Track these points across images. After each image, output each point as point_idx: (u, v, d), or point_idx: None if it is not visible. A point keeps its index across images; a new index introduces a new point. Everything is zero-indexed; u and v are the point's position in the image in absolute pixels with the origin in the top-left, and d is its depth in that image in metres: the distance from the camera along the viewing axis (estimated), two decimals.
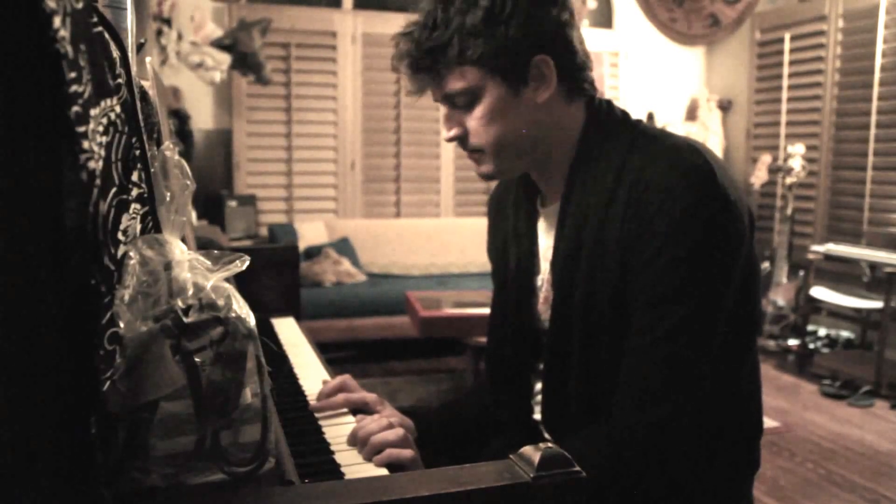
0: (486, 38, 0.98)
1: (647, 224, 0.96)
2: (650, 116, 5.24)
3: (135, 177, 0.66)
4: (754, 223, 1.04)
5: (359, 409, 1.10)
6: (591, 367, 1.02)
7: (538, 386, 1.15)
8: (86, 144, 0.54)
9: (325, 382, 1.17)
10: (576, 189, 1.05)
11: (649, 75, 5.44)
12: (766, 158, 4.79)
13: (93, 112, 0.56)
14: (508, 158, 1.06)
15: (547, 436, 1.12)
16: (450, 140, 1.07)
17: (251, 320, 0.63)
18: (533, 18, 1.00)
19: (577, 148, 1.07)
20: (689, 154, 0.98)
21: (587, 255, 1.01)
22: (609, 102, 1.10)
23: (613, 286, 0.99)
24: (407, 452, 0.95)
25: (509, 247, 1.18)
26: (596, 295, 1.00)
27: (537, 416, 1.15)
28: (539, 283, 1.13)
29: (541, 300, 1.13)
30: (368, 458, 0.94)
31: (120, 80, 0.66)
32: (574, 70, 1.05)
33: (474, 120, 1.03)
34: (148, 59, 1.05)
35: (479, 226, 5.02)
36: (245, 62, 4.16)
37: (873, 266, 3.88)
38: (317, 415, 1.08)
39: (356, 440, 0.97)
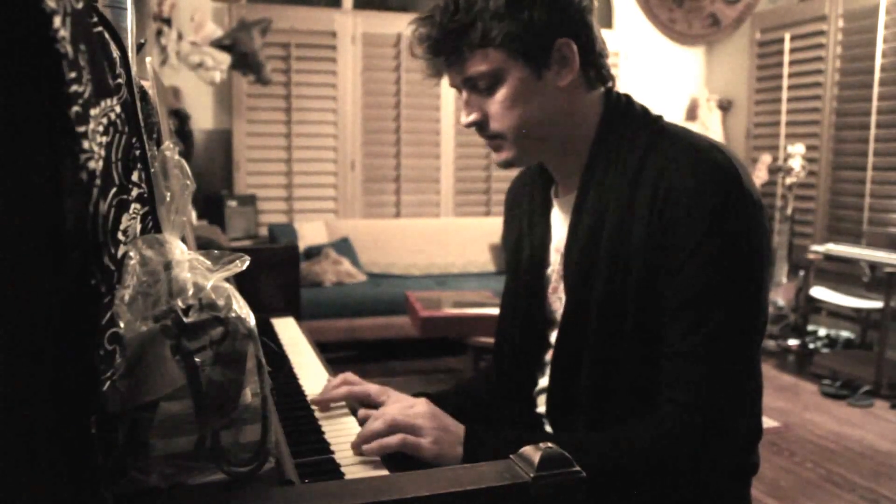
0: (509, 20, 0.97)
1: (676, 226, 0.95)
2: None
3: (135, 177, 0.66)
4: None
5: (362, 401, 1.10)
6: (605, 363, 1.01)
7: (541, 379, 1.15)
8: (86, 144, 0.54)
9: (328, 381, 1.17)
10: (593, 182, 1.04)
11: (649, 75, 5.44)
12: (766, 158, 4.79)
13: (93, 112, 0.56)
14: (529, 144, 1.05)
15: (549, 429, 1.12)
16: (469, 125, 1.05)
17: (251, 320, 0.63)
18: (557, 1, 1.00)
19: (594, 139, 1.06)
20: (713, 153, 0.97)
21: (606, 255, 1.00)
22: (628, 96, 1.10)
23: (637, 288, 0.98)
24: (393, 439, 0.92)
25: (523, 237, 1.18)
26: (617, 295, 0.99)
27: (540, 409, 1.15)
28: (549, 273, 1.13)
29: (549, 291, 1.13)
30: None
31: (120, 80, 0.66)
32: (595, 55, 1.05)
33: (496, 104, 1.02)
34: (148, 59, 1.05)
35: (479, 226, 5.03)
36: (245, 62, 4.16)
37: (873, 266, 3.87)
38: (317, 415, 1.09)
39: (359, 450, 0.95)
